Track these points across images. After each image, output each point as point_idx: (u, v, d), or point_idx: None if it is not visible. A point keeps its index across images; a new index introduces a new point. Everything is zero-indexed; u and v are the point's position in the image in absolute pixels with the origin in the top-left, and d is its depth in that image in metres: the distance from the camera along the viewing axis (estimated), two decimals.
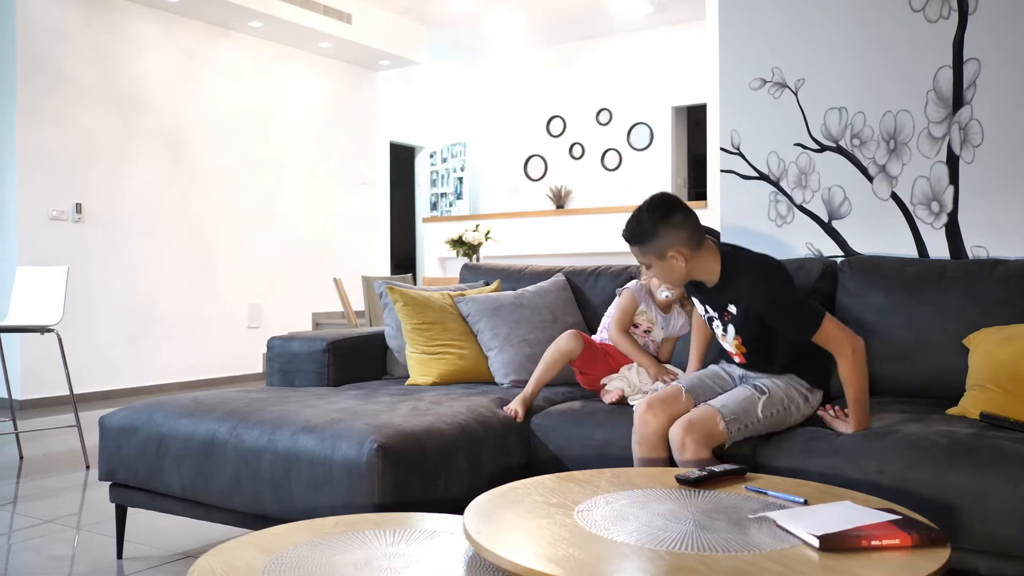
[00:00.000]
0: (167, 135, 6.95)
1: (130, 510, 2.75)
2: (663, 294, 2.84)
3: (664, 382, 2.62)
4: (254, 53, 7.66)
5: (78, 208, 6.27)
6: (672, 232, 2.24)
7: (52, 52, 6.16)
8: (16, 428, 4.47)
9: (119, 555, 2.74)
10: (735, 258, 2.33)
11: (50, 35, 6.15)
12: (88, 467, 4.06)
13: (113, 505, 2.73)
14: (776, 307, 2.27)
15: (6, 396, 5.62)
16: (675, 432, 2.20)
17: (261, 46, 7.72)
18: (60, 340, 4.17)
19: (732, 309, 2.34)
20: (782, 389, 2.35)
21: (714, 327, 2.45)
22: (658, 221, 2.24)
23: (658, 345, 2.89)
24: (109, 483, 2.69)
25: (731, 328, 2.37)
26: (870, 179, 3.07)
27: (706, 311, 2.44)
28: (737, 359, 2.46)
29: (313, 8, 7.44)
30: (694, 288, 2.44)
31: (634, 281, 2.92)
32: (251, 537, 1.68)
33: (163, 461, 2.49)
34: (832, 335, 2.24)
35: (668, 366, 2.77)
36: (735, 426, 2.23)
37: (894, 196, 3.03)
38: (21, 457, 4.32)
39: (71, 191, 6.26)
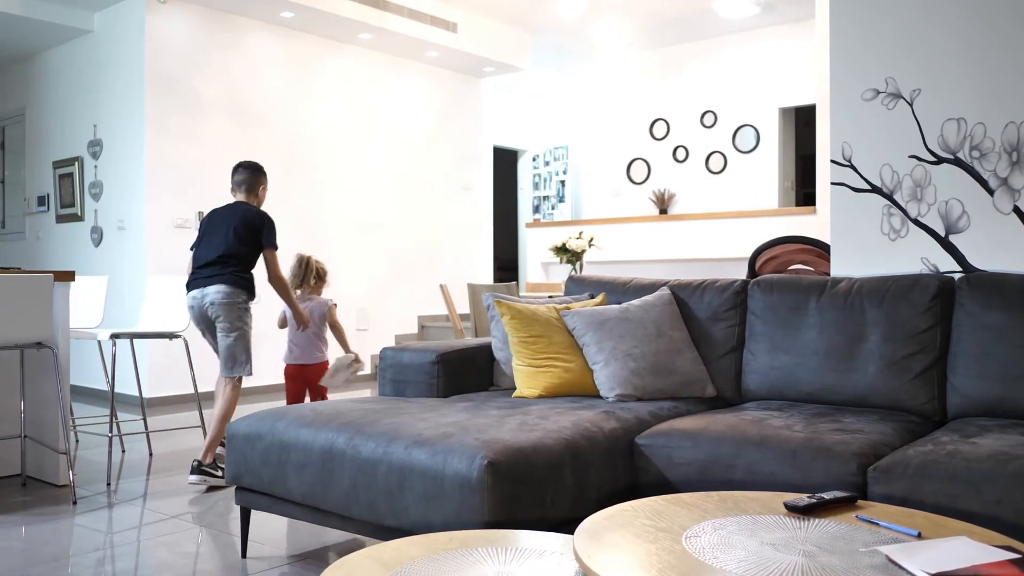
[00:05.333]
0: (283, 145, 7.24)
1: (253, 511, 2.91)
2: None
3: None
4: (364, 64, 7.90)
5: (200, 216, 6.60)
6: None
7: (177, 69, 6.52)
8: (147, 427, 4.76)
9: (243, 554, 2.90)
10: None
11: (176, 53, 6.51)
12: None
13: (236, 505, 2.89)
14: None
15: (136, 394, 5.97)
16: None
17: (371, 57, 7.95)
18: (187, 345, 4.41)
19: None
20: None
21: None
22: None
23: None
24: (235, 486, 2.85)
25: None
26: (991, 192, 2.97)
27: None
28: None
29: (420, 19, 7.63)
30: None
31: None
32: (371, 550, 1.77)
33: (285, 468, 2.62)
34: None
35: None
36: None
37: (1016, 210, 2.92)
38: (151, 454, 4.60)
39: (194, 201, 6.60)
